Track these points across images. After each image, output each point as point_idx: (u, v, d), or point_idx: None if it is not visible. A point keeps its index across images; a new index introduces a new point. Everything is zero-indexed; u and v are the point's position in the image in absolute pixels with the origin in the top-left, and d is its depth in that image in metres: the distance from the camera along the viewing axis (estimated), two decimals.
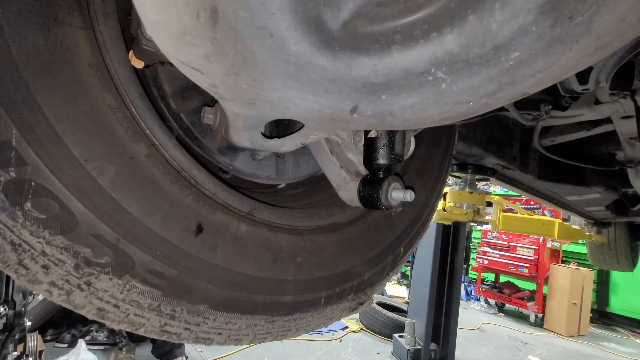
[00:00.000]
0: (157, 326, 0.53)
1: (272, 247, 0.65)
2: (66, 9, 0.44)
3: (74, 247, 0.45)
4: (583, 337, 5.60)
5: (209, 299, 0.56)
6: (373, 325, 4.68)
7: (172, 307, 0.53)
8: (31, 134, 0.41)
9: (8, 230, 0.41)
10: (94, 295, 0.47)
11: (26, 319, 1.61)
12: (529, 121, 1.27)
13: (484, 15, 0.31)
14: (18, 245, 0.42)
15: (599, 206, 2.25)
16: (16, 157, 0.40)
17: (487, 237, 6.94)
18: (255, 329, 0.64)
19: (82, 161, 0.44)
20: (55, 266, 0.44)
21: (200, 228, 0.55)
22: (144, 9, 0.34)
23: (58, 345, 3.22)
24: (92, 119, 0.46)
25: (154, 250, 0.50)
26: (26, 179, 0.41)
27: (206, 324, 0.57)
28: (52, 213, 0.43)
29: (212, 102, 0.65)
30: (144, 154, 0.50)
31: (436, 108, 0.39)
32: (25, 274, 0.43)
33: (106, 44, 0.48)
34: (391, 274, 0.88)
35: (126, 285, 0.49)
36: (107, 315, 0.49)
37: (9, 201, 0.40)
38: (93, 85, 0.46)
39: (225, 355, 3.47)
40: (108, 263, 0.47)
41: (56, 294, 0.45)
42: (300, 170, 0.79)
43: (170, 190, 0.52)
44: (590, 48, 0.31)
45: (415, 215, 0.92)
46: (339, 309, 0.78)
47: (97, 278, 0.47)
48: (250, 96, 0.42)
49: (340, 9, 0.36)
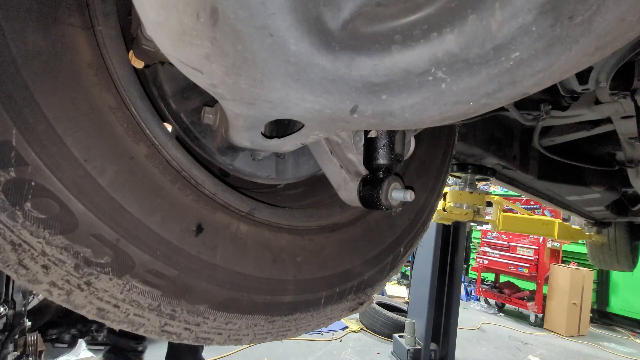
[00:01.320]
0: (157, 326, 0.53)
1: (272, 247, 0.65)
2: (66, 9, 0.44)
3: (74, 247, 0.44)
4: (583, 337, 5.60)
5: (209, 299, 0.56)
6: (373, 325, 4.68)
7: (172, 307, 0.53)
8: (31, 134, 0.41)
9: (8, 230, 0.41)
10: (94, 295, 0.47)
11: (26, 319, 1.61)
12: (529, 121, 1.27)
13: (484, 15, 0.31)
14: (18, 245, 0.42)
15: (599, 206, 2.25)
16: (16, 157, 0.40)
17: (487, 237, 6.94)
18: (255, 329, 0.64)
19: (82, 161, 0.44)
20: (55, 266, 0.44)
21: (201, 228, 0.55)
22: (144, 8, 0.34)
23: (58, 345, 3.23)
24: (92, 119, 0.46)
25: (154, 250, 0.50)
26: (26, 179, 0.41)
27: (206, 324, 0.57)
28: (52, 213, 0.43)
29: (212, 102, 0.65)
30: (144, 154, 0.50)
31: (436, 108, 0.39)
32: (25, 274, 0.43)
33: (106, 44, 0.48)
34: (391, 274, 0.88)
35: (126, 285, 0.49)
36: (107, 315, 0.49)
37: (9, 201, 0.40)
38: (93, 85, 0.46)
39: (225, 355, 3.47)
40: (108, 263, 0.47)
41: (56, 294, 0.45)
42: (300, 170, 0.79)
43: (170, 190, 0.52)
44: (590, 48, 0.31)
45: (416, 215, 0.92)
46: (339, 308, 0.78)
47: (97, 278, 0.47)
48: (250, 96, 0.42)
49: (340, 9, 0.36)
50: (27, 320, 1.62)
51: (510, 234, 6.47)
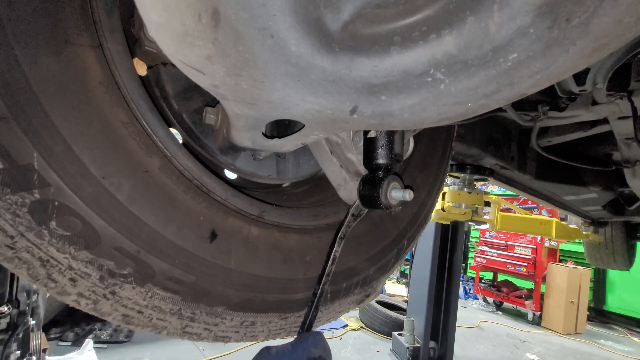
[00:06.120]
0: (178, 328, 0.56)
1: (282, 247, 0.66)
2: (75, 29, 0.45)
3: (98, 261, 0.46)
4: (580, 335, 5.63)
5: (226, 300, 0.58)
6: (373, 323, 4.70)
7: (192, 310, 0.55)
8: (51, 156, 0.42)
9: (36, 248, 0.43)
10: (119, 303, 0.50)
11: (30, 318, 1.61)
12: (526, 122, 1.28)
13: (483, 17, 0.32)
14: (46, 261, 0.44)
15: (595, 206, 2.26)
16: (39, 179, 0.42)
17: (485, 236, 6.97)
18: (269, 326, 0.67)
19: (100, 178, 0.46)
20: (81, 279, 0.46)
21: (215, 234, 0.57)
22: (147, 10, 0.34)
23: (62, 343, 3.23)
24: (106, 135, 0.47)
25: (172, 259, 0.52)
26: (50, 199, 0.43)
27: (224, 323, 0.60)
28: (76, 230, 0.45)
29: (213, 102, 0.65)
30: (157, 166, 0.51)
31: (435, 109, 0.39)
32: (54, 286, 0.45)
33: (114, 60, 0.48)
34: (395, 267, 0.90)
35: (148, 293, 0.51)
36: (131, 320, 0.52)
37: (35, 221, 0.42)
38: (105, 102, 0.47)
39: (226, 354, 3.48)
40: (130, 273, 0.49)
41: (84, 303, 0.48)
42: (301, 169, 0.80)
43: (183, 199, 0.54)
44: (588, 49, 0.32)
45: (418, 209, 0.94)
46: (346, 302, 0.80)
47: (121, 287, 0.49)
48: (251, 97, 0.43)
49: (340, 11, 0.36)
50: (31, 319, 1.62)
51: (508, 233, 6.49)
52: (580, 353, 4.82)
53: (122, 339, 3.48)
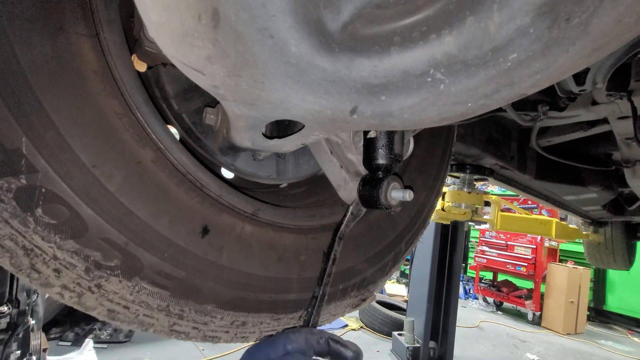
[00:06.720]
0: (166, 326, 0.54)
1: (276, 246, 0.65)
2: (72, 18, 0.45)
3: (84, 251, 0.45)
4: (580, 335, 5.63)
5: (216, 298, 0.57)
6: (373, 323, 4.70)
7: (181, 307, 0.54)
8: (40, 142, 0.42)
9: (20, 236, 0.42)
10: (105, 297, 0.48)
11: (30, 318, 1.61)
12: (526, 122, 1.28)
13: (482, 17, 0.32)
14: (30, 250, 0.43)
15: (595, 206, 2.26)
16: (26, 164, 0.41)
17: (485, 236, 6.98)
18: (261, 327, 0.65)
19: (91, 167, 0.45)
20: (66, 270, 0.45)
21: (206, 230, 0.56)
22: (147, 10, 0.34)
23: (62, 343, 3.23)
24: (99, 125, 0.46)
25: (161, 253, 0.51)
26: (37, 186, 0.42)
27: (214, 322, 0.58)
28: (63, 218, 0.43)
29: (213, 102, 0.65)
30: (150, 158, 0.51)
31: (435, 109, 0.39)
32: (37, 277, 0.44)
33: (111, 51, 0.48)
34: (393, 270, 0.89)
35: (135, 287, 0.49)
36: (117, 316, 0.50)
37: (21, 207, 0.41)
38: (99, 92, 0.47)
39: (226, 354, 3.48)
40: (117, 266, 0.48)
41: (68, 296, 0.46)
42: (301, 170, 0.80)
43: (176, 193, 0.53)
44: (587, 49, 0.32)
45: (416, 213, 0.93)
46: (342, 305, 0.79)
47: (107, 280, 0.47)
48: (251, 97, 0.43)
49: (340, 11, 0.36)
50: (31, 319, 1.62)
51: (508, 233, 6.50)
52: (580, 353, 4.83)
53: (122, 339, 3.49)
